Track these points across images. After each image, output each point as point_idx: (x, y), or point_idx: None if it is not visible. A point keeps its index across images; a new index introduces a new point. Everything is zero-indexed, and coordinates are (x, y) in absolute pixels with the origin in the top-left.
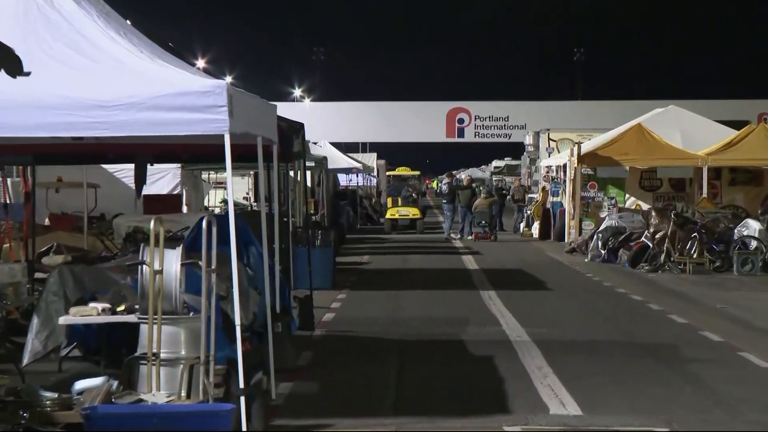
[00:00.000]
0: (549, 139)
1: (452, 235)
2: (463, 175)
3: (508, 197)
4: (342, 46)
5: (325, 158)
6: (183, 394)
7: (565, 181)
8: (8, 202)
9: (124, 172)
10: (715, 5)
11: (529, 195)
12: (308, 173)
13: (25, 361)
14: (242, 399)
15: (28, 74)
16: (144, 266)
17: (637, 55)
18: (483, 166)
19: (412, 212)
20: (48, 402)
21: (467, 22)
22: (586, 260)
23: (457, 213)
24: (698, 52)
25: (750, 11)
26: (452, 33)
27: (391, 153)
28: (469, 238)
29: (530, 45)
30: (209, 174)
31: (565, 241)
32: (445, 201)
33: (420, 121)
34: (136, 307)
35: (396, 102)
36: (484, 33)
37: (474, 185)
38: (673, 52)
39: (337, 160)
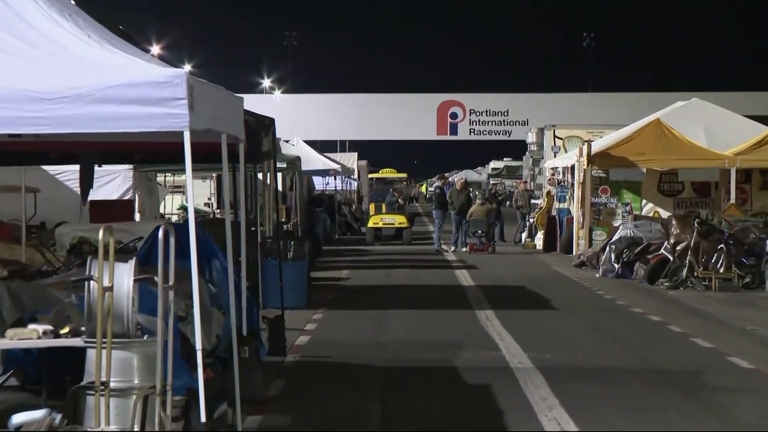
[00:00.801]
0: (555, 136)
1: (444, 247)
2: (456, 178)
3: (508, 204)
4: (318, 29)
5: (298, 158)
6: (136, 428)
7: (573, 184)
8: None
9: (68, 174)
10: None
11: (532, 201)
12: (279, 176)
13: None
14: None
15: None
16: (91, 282)
17: (655, 40)
18: (479, 168)
19: (398, 220)
20: None
21: (461, 3)
22: (597, 275)
23: (449, 221)
24: (725, 38)
25: None
26: (444, 16)
27: (374, 153)
28: (464, 250)
29: (533, 29)
30: (166, 176)
31: (573, 253)
32: (435, 207)
33: (407, 116)
34: (82, 329)
35: (380, 94)
36: (480, 15)
37: (470, 189)
38: (697, 37)
39: (313, 160)
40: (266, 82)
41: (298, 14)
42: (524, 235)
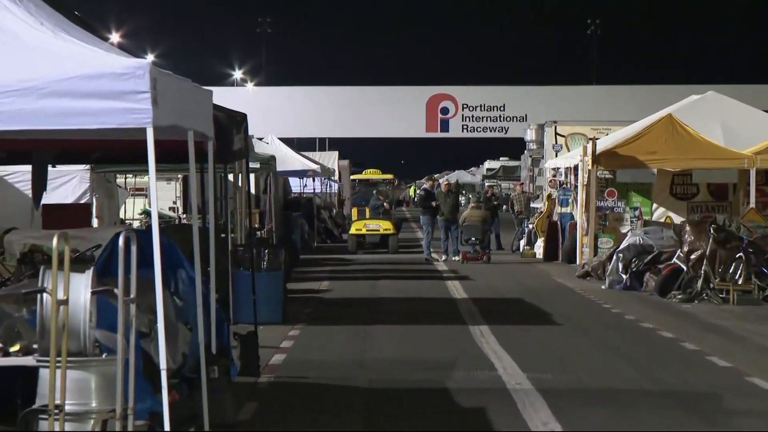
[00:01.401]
0: (556, 133)
1: (434, 256)
2: (443, 180)
3: (505, 208)
4: (295, 15)
5: (273, 158)
6: None
7: (576, 186)
8: None
9: (18, 175)
10: None
11: (532, 205)
12: (252, 177)
13: None
14: None
15: None
16: (44, 295)
17: (667, 28)
18: (473, 169)
19: (384, 226)
20: None
21: None
22: (603, 287)
23: (438, 227)
24: (743, 26)
25: None
26: (434, 1)
27: (356, 152)
28: (456, 259)
29: (532, 17)
30: (126, 178)
31: (577, 262)
32: (422, 212)
33: (393, 111)
34: (34, 346)
35: (363, 87)
36: (475, 1)
37: (463, 191)
38: (712, 24)
39: (289, 160)
40: (237, 74)
41: None
42: (522, 242)
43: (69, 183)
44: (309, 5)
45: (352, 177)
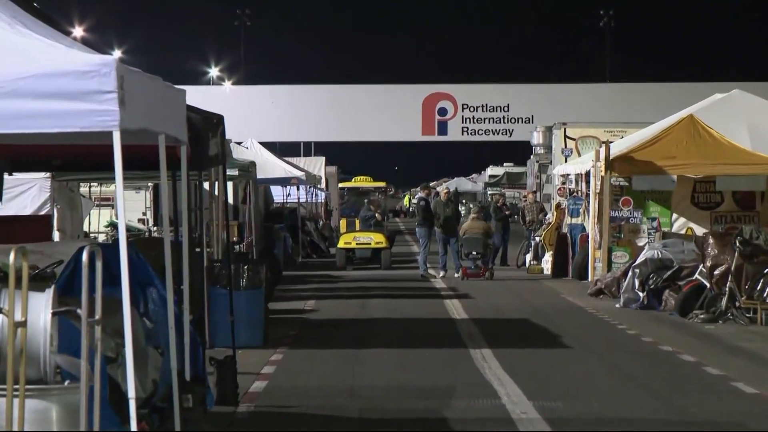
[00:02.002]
0: (565, 136)
1: (431, 272)
2: (442, 188)
3: (516, 217)
4: (277, 7)
5: (252, 164)
6: None
7: (588, 195)
8: None
9: None
10: None
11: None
12: (230, 185)
13: None
14: None
15: None
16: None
17: (688, 20)
18: (474, 176)
19: (375, 239)
20: None
21: None
22: (617, 306)
23: (435, 240)
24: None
25: None
26: None
27: (345, 157)
28: (456, 275)
29: (538, 7)
30: (91, 187)
31: (589, 279)
32: (418, 224)
33: (386, 113)
34: None
35: (352, 86)
36: None
37: (464, 201)
38: (738, 17)
39: (271, 166)
40: (214, 71)
41: None
42: (529, 256)
43: (27, 193)
44: None
45: (340, 185)
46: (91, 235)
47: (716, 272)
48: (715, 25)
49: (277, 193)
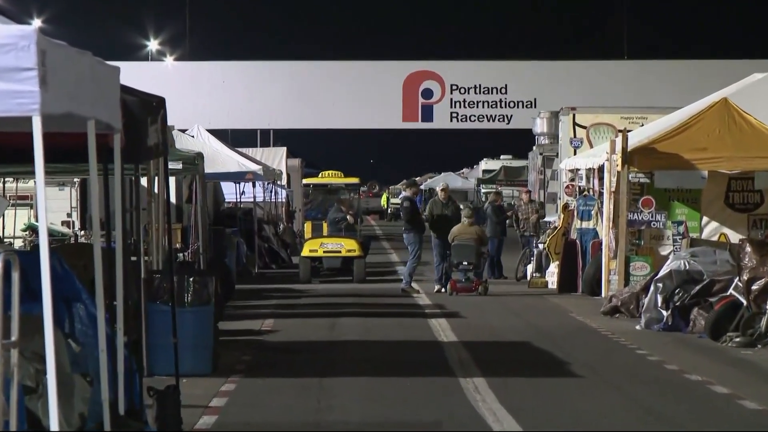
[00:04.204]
0: (575, 123)
1: (414, 286)
2: (439, 186)
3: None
4: None
5: (200, 156)
6: None
7: (601, 194)
8: None
9: None
10: None
11: (543, 219)
12: (172, 181)
13: None
14: None
15: None
16: None
17: None
18: (465, 170)
19: (347, 247)
20: None
21: None
22: (637, 327)
23: (424, 247)
24: None
25: None
26: None
27: (311, 148)
28: (443, 290)
29: None
30: (5, 182)
31: (602, 295)
32: (406, 229)
33: (360, 95)
34: None
35: (319, 62)
36: None
37: (469, 202)
38: None
39: (221, 159)
40: (153, 45)
41: None
42: (530, 267)
43: None
44: None
45: (304, 181)
46: (5, 240)
47: (754, 287)
48: None
49: (229, 191)
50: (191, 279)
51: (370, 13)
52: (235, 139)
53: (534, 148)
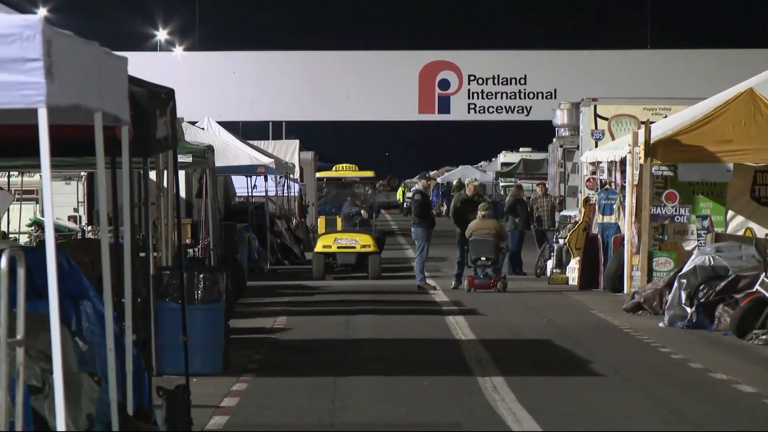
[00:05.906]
0: (596, 115)
1: (429, 282)
2: (467, 180)
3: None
4: None
5: (210, 149)
6: None
7: (623, 187)
8: None
9: None
10: None
11: (563, 213)
12: (182, 175)
13: None
14: None
15: None
16: None
17: None
18: (483, 163)
19: (361, 242)
20: None
21: None
22: (660, 324)
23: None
24: None
25: None
26: None
27: (324, 141)
28: (460, 286)
29: None
30: (10, 177)
31: (625, 291)
32: (415, 223)
33: (375, 86)
34: None
35: (333, 52)
36: None
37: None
38: None
39: (232, 152)
40: (162, 35)
41: None
42: (550, 263)
43: None
44: None
45: (318, 175)
46: (10, 236)
47: None
48: None
49: (241, 185)
50: (201, 276)
51: (385, 1)
52: (247, 131)
53: (554, 140)
